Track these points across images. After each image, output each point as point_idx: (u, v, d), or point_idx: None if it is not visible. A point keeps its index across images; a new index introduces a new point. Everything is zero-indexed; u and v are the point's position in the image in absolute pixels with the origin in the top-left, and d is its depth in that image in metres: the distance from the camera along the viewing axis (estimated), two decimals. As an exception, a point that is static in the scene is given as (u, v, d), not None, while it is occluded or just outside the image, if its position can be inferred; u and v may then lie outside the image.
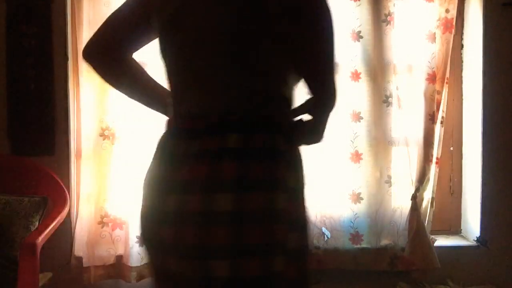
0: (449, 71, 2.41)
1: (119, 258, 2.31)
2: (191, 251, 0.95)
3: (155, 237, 1.03)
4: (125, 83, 1.25)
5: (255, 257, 0.93)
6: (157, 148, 1.11)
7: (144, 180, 1.10)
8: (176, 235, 0.96)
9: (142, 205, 1.09)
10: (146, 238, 1.08)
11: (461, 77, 2.55)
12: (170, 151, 1.05)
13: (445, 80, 2.41)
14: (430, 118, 2.40)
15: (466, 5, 2.48)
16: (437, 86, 2.40)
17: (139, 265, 2.29)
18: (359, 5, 2.35)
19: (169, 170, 1.02)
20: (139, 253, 2.29)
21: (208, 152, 0.96)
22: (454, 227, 2.62)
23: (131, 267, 2.28)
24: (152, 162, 1.10)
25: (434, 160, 2.42)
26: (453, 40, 2.42)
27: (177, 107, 1.09)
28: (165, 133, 1.11)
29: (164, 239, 0.99)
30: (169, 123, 1.11)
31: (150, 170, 1.10)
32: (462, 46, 2.54)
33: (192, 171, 0.97)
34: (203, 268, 0.94)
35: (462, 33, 2.53)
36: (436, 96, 2.40)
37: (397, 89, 2.40)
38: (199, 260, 0.94)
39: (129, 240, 2.28)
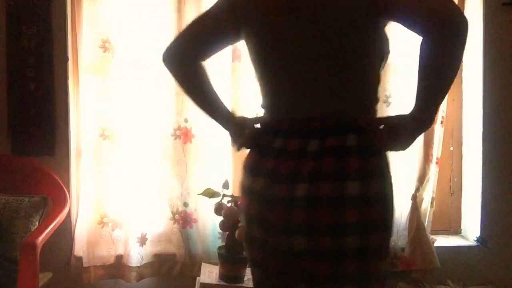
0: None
1: (119, 258, 2.31)
2: (326, 230, 1.15)
3: (279, 221, 1.19)
4: (194, 89, 1.40)
5: (378, 231, 1.18)
6: (260, 146, 1.27)
7: (254, 173, 1.25)
8: (308, 217, 1.15)
9: (260, 195, 1.23)
10: (266, 224, 1.23)
11: (461, 77, 2.55)
12: (279, 147, 1.22)
13: (445, 80, 2.41)
14: (430, 118, 2.40)
15: (466, 5, 2.48)
16: (437, 86, 2.40)
17: (139, 265, 2.30)
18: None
19: (287, 163, 1.19)
20: (139, 253, 2.29)
21: (331, 149, 1.17)
22: (454, 227, 2.62)
23: (131, 267, 2.28)
24: (257, 158, 1.26)
25: (434, 160, 2.42)
26: (453, 40, 2.42)
27: (284, 113, 1.26)
28: (267, 133, 1.27)
29: (293, 221, 1.17)
30: (272, 125, 1.27)
31: (257, 164, 1.25)
32: (462, 46, 2.53)
33: (319, 164, 1.16)
34: (337, 243, 1.15)
35: (462, 33, 2.52)
36: (436, 96, 2.40)
37: (397, 89, 2.41)
38: (334, 236, 1.15)
39: (129, 240, 2.28)
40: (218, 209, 2.11)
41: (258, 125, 1.34)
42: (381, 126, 1.22)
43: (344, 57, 1.19)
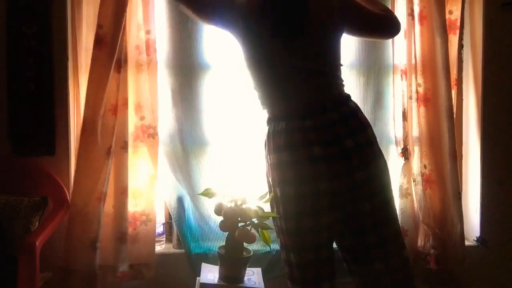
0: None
1: (119, 258, 2.30)
2: None
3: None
4: None
5: None
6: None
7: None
8: None
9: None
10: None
11: (461, 77, 2.55)
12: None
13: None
14: (430, 118, 2.39)
15: (466, 5, 2.48)
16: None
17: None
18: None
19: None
20: (138, 253, 2.29)
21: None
22: (454, 227, 2.62)
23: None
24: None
25: (434, 160, 2.41)
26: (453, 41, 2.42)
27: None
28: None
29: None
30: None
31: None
32: (462, 46, 2.53)
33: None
34: None
35: (462, 33, 2.52)
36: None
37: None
38: None
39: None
40: (218, 209, 2.11)
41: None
42: None
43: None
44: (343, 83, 1.77)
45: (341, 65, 1.77)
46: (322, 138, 1.59)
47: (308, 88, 1.66)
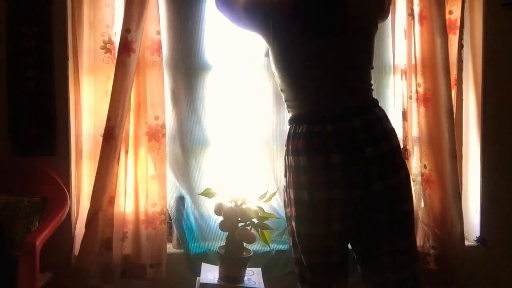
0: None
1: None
2: None
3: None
4: None
5: None
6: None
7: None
8: None
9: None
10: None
11: (461, 77, 2.55)
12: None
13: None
14: (430, 118, 2.39)
15: (466, 5, 2.48)
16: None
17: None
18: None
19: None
20: (138, 253, 2.29)
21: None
22: (454, 227, 2.62)
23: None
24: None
25: (434, 160, 2.41)
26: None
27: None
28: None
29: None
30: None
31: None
32: (462, 46, 2.53)
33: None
34: None
35: (462, 33, 2.52)
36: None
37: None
38: None
39: (129, 240, 2.28)
40: (218, 209, 2.11)
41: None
42: None
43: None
44: (372, 87, 1.69)
45: (372, 68, 1.70)
46: (341, 145, 1.55)
47: (333, 92, 1.61)
